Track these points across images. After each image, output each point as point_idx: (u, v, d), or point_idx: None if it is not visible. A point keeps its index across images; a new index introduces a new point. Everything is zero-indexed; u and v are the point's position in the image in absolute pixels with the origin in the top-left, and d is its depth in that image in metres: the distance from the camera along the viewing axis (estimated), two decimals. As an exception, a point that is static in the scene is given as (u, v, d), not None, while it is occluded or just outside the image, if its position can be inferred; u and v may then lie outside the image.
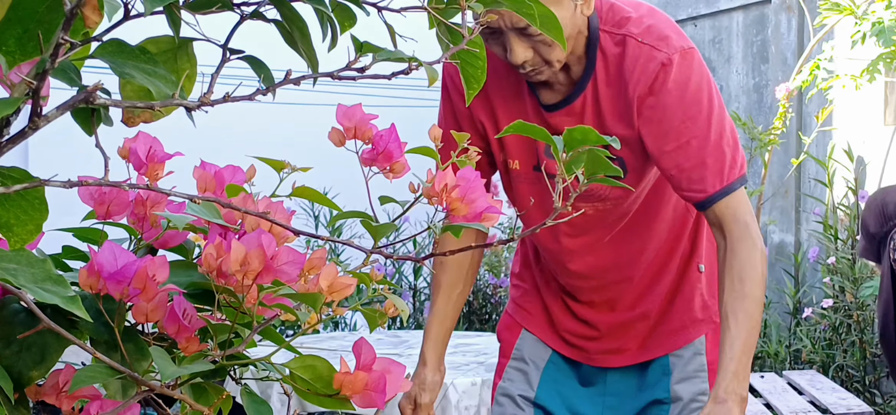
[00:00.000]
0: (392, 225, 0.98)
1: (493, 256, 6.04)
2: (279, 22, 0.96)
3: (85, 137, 0.95)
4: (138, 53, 0.88)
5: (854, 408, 3.64)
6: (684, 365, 1.99)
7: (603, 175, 0.95)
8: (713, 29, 5.88)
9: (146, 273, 0.85)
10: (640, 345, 2.03)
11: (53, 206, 0.93)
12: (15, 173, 0.86)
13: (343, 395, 0.88)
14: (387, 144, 0.98)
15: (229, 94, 0.87)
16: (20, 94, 0.81)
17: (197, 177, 1.00)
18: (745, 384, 1.78)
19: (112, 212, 0.99)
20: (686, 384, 1.98)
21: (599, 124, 1.80)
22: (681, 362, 2.00)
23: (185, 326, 0.88)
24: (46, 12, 0.84)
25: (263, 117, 5.57)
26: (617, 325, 2.01)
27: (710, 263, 2.03)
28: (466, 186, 0.93)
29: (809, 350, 4.72)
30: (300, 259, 0.86)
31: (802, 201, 5.29)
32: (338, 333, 5.13)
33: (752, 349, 1.80)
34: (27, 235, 0.91)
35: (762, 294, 1.80)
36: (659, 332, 2.01)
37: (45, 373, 0.87)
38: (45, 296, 0.76)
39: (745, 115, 5.51)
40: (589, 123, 1.81)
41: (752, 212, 1.82)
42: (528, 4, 0.95)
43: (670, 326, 2.00)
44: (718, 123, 1.78)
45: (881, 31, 4.24)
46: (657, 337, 2.01)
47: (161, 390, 0.85)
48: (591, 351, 2.06)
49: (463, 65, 0.99)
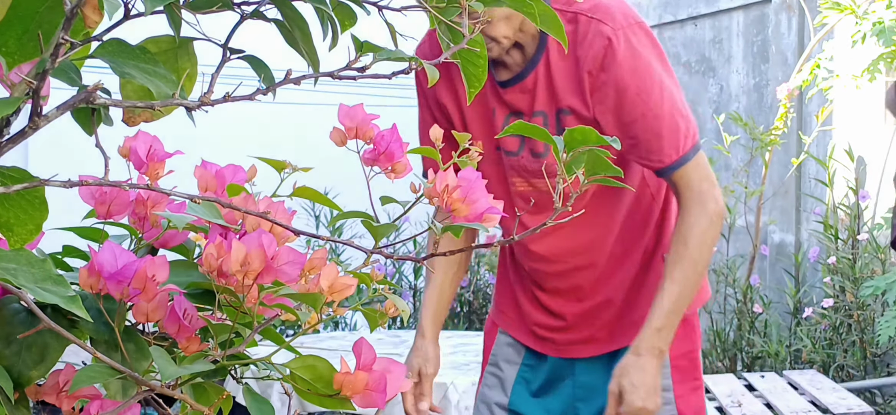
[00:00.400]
0: (393, 225, 0.98)
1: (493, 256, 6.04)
2: (280, 21, 0.96)
3: (85, 137, 0.95)
4: (139, 53, 0.88)
5: (854, 408, 3.64)
6: None
7: (603, 175, 0.95)
8: (713, 29, 5.88)
9: (146, 273, 0.85)
10: (607, 335, 2.04)
11: (53, 206, 0.93)
12: (15, 173, 0.86)
13: (343, 395, 0.88)
14: (388, 144, 0.98)
15: (229, 94, 0.87)
16: (20, 93, 0.81)
17: (198, 176, 1.00)
18: (668, 341, 1.86)
19: (113, 211, 0.99)
20: None
21: (552, 99, 1.86)
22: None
23: (185, 325, 0.88)
24: (46, 12, 0.84)
25: (263, 117, 5.57)
26: (583, 314, 2.03)
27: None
28: (468, 186, 0.92)
29: (810, 350, 4.72)
30: (301, 259, 0.86)
31: (803, 201, 5.29)
32: (338, 333, 5.13)
33: (682, 310, 1.87)
34: (27, 235, 0.91)
35: (704, 257, 1.86)
36: (625, 322, 2.02)
37: (45, 373, 0.87)
38: (46, 296, 0.76)
39: (746, 115, 5.51)
40: (541, 99, 1.88)
41: (708, 176, 1.88)
42: (528, 4, 0.95)
43: (636, 315, 2.01)
44: (670, 96, 1.83)
45: (881, 30, 4.24)
46: (623, 326, 2.02)
47: (161, 389, 0.85)
48: (560, 343, 2.07)
49: (463, 64, 0.99)
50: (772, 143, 5.02)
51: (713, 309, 5.31)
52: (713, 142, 5.60)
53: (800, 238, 5.32)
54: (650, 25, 6.89)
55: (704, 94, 5.95)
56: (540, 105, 1.88)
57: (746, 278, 5.19)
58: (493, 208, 0.94)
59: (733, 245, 5.38)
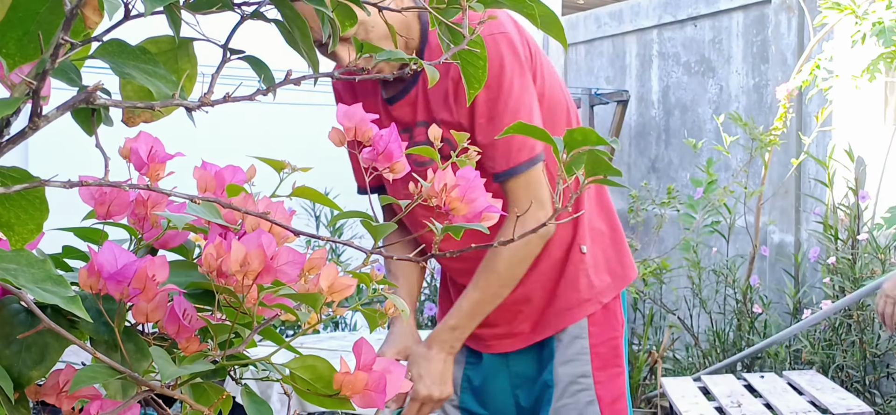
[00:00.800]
0: (392, 225, 0.98)
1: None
2: (279, 22, 0.96)
3: (85, 137, 0.95)
4: (139, 53, 0.88)
5: (854, 408, 3.64)
6: (565, 348, 2.07)
7: (604, 175, 0.95)
8: (713, 29, 5.88)
9: (146, 273, 0.85)
10: (530, 328, 2.11)
11: (53, 206, 0.93)
12: (15, 173, 0.86)
13: (343, 395, 0.88)
14: (387, 145, 0.98)
15: (229, 94, 0.87)
16: (20, 94, 0.81)
17: (197, 177, 1.00)
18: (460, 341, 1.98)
19: (112, 212, 0.99)
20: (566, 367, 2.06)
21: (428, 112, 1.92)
22: (562, 344, 2.08)
23: (185, 326, 0.88)
24: (47, 13, 0.84)
25: (264, 118, 5.57)
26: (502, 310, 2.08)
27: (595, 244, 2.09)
28: (466, 185, 0.93)
29: (809, 350, 4.72)
30: (300, 259, 0.86)
31: (802, 201, 5.29)
32: (338, 333, 5.13)
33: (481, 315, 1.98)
34: (28, 235, 0.91)
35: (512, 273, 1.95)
36: (547, 313, 2.09)
37: (45, 373, 0.87)
38: (46, 296, 0.76)
39: (745, 115, 5.51)
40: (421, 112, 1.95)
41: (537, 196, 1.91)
42: (528, 4, 0.95)
43: (557, 306, 2.08)
44: (515, 107, 1.86)
45: (881, 30, 4.24)
46: (546, 318, 2.09)
47: (161, 390, 0.85)
48: (487, 338, 2.15)
49: (463, 64, 0.99)
50: (771, 143, 5.02)
51: (713, 309, 5.31)
52: (713, 142, 5.60)
53: (799, 238, 5.32)
54: (650, 26, 6.84)
55: (704, 95, 5.95)
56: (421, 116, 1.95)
57: (746, 279, 5.19)
58: (492, 207, 0.94)
59: (733, 245, 5.38)
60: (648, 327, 5.44)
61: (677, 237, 5.61)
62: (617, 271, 2.10)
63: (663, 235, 5.87)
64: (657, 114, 6.28)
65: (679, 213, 5.43)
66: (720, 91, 5.85)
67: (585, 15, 6.84)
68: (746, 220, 5.32)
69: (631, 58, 6.47)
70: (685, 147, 5.91)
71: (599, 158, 0.95)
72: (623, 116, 6.36)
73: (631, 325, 5.82)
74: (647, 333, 5.38)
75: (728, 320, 5.24)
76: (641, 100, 6.39)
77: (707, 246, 5.45)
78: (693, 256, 5.20)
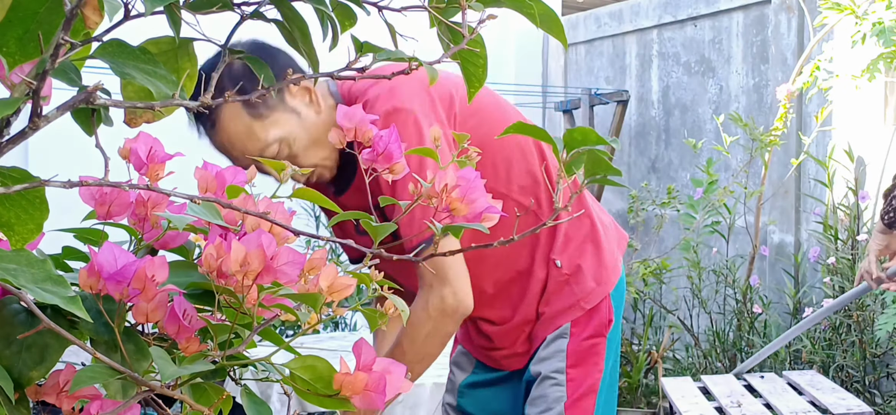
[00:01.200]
0: (392, 225, 0.98)
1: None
2: (280, 22, 0.96)
3: (85, 137, 0.95)
4: (139, 54, 0.88)
5: (854, 408, 3.64)
6: (544, 347, 2.12)
7: (603, 175, 0.95)
8: (713, 29, 5.88)
9: (146, 273, 0.85)
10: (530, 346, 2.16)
11: (53, 206, 0.93)
12: (15, 173, 0.86)
13: (343, 395, 0.88)
14: (387, 145, 0.98)
15: (230, 94, 0.87)
16: (20, 94, 0.81)
17: (198, 177, 1.00)
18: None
19: (113, 212, 0.99)
20: (542, 364, 2.11)
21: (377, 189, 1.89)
22: (543, 344, 2.13)
23: (185, 326, 0.88)
24: (47, 13, 0.84)
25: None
26: (504, 334, 2.15)
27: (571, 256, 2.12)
28: (466, 185, 0.93)
29: (809, 350, 4.72)
30: (300, 259, 0.86)
31: (802, 201, 5.29)
32: (338, 333, 5.13)
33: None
34: (28, 235, 0.91)
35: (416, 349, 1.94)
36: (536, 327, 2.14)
37: (45, 373, 0.87)
38: (45, 296, 0.76)
39: (745, 115, 5.51)
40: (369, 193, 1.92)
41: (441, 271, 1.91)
42: (528, 4, 0.95)
43: (551, 310, 2.12)
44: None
45: (881, 31, 4.24)
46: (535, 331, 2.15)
47: (161, 390, 0.85)
48: (499, 359, 2.22)
49: (464, 64, 0.99)
50: (771, 143, 5.02)
51: (713, 309, 5.31)
52: (713, 142, 5.60)
53: (799, 238, 5.32)
54: (650, 26, 6.85)
55: (704, 95, 5.95)
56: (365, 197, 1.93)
57: (746, 279, 5.19)
58: (492, 208, 0.94)
59: (733, 246, 5.38)
60: (648, 327, 5.45)
61: (677, 237, 5.61)
62: (600, 276, 2.12)
63: (663, 236, 5.87)
64: (657, 114, 6.28)
65: (679, 213, 5.43)
66: (720, 91, 5.85)
67: (585, 15, 6.84)
68: (746, 220, 5.32)
69: (631, 58, 6.47)
70: (685, 147, 5.91)
71: (598, 158, 0.95)
72: (623, 116, 6.36)
73: (631, 325, 5.82)
74: (647, 333, 5.38)
75: (728, 321, 5.24)
76: (641, 100, 6.39)
77: (707, 246, 5.46)
78: (693, 256, 5.21)
